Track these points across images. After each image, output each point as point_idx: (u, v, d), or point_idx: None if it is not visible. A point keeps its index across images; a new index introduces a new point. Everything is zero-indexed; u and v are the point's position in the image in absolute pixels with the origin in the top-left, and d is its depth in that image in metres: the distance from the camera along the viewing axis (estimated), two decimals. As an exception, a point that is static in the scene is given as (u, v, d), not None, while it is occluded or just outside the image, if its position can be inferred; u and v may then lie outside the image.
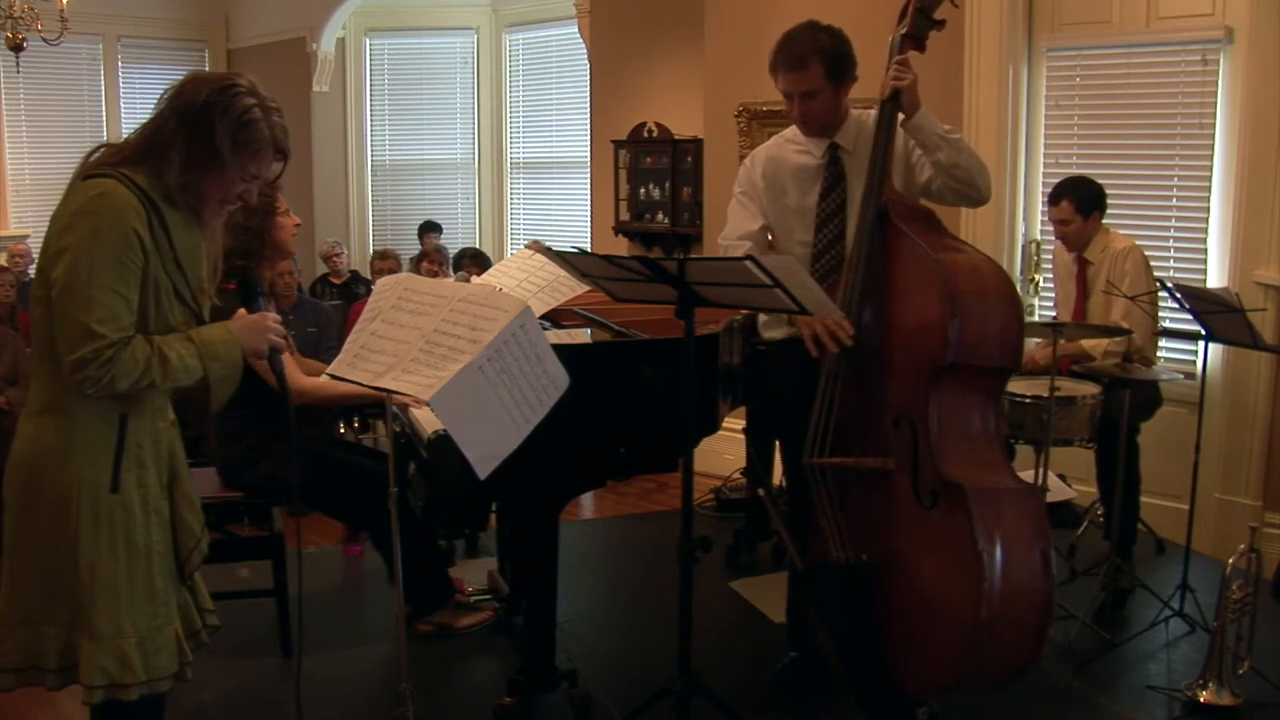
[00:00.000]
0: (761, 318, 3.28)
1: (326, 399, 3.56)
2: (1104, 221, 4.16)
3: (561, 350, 2.41)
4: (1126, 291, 3.86)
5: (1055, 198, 4.12)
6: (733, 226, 3.18)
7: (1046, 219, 4.91)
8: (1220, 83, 4.43)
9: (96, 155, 2.09)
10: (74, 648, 2.06)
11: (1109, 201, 4.18)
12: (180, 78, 2.14)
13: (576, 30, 7.31)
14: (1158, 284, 3.86)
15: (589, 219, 7.19)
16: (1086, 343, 4.03)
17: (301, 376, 3.45)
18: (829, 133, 3.06)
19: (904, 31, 2.93)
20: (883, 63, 2.94)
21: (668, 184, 6.34)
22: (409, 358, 2.33)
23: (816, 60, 2.94)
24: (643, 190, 6.52)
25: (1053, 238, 4.44)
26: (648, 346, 3.14)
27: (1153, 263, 4.17)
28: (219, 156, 2.05)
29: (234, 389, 2.16)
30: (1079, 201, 4.07)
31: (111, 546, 2.05)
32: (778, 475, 3.91)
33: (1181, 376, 3.83)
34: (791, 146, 3.13)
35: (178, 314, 2.10)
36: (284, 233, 3.48)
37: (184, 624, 2.20)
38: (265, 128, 2.09)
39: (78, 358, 1.95)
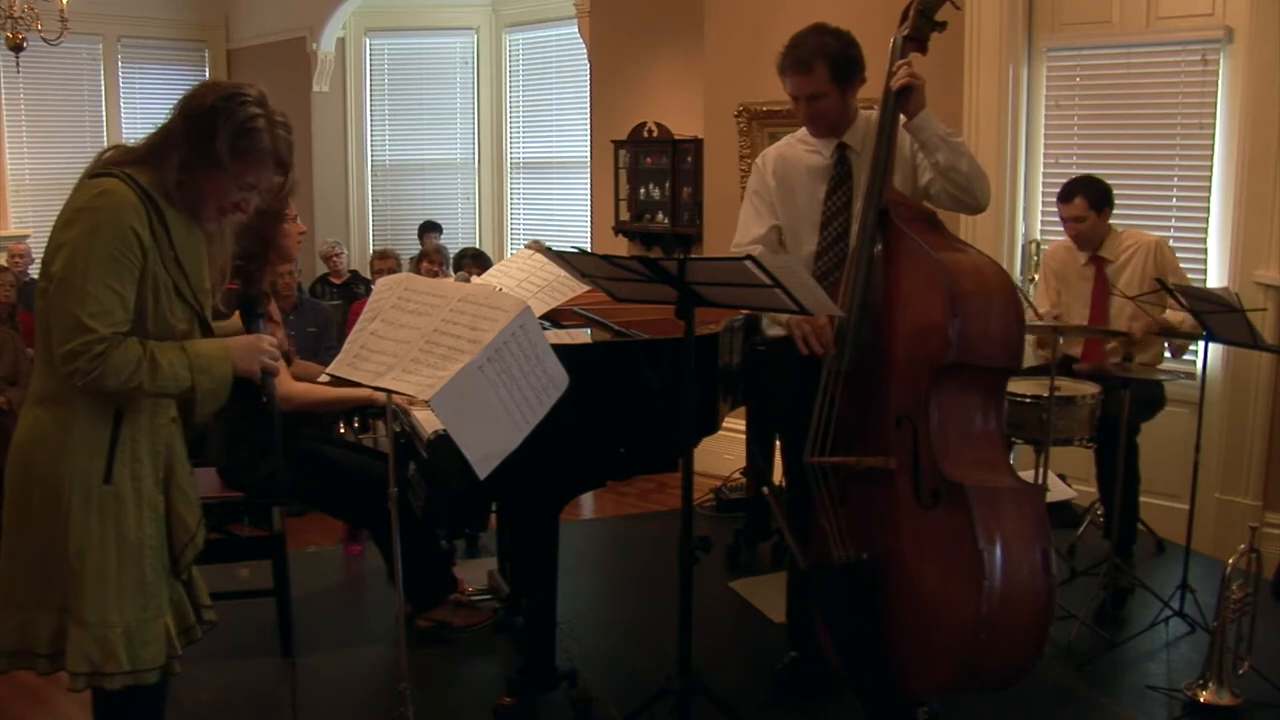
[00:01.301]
0: (764, 316, 3.29)
1: (314, 404, 3.56)
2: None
3: (561, 350, 2.41)
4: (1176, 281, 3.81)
5: (1068, 195, 4.09)
6: (743, 231, 3.19)
7: (1046, 219, 4.94)
8: (1220, 83, 4.43)
9: (108, 155, 2.13)
10: (65, 634, 2.09)
11: (1110, 201, 4.18)
12: (185, 80, 2.17)
13: (576, 30, 7.31)
14: (1157, 283, 3.85)
15: (589, 219, 7.19)
16: (1170, 315, 3.96)
17: (290, 383, 3.46)
18: (837, 133, 3.07)
19: (906, 33, 2.94)
20: (882, 62, 2.94)
21: (668, 184, 6.34)
22: (409, 358, 2.34)
23: (822, 64, 2.96)
24: (643, 190, 6.52)
25: (1054, 238, 4.45)
26: (648, 346, 3.14)
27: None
28: (218, 161, 2.08)
29: (220, 404, 2.17)
30: (1092, 198, 4.06)
31: (101, 536, 2.08)
32: (777, 475, 3.91)
33: (1182, 376, 3.83)
34: (802, 146, 3.15)
35: (179, 312, 2.13)
36: (288, 239, 3.52)
37: (176, 619, 2.22)
38: (267, 139, 2.11)
39: (69, 350, 1.98)
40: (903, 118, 2.90)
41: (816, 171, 3.10)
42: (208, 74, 9.13)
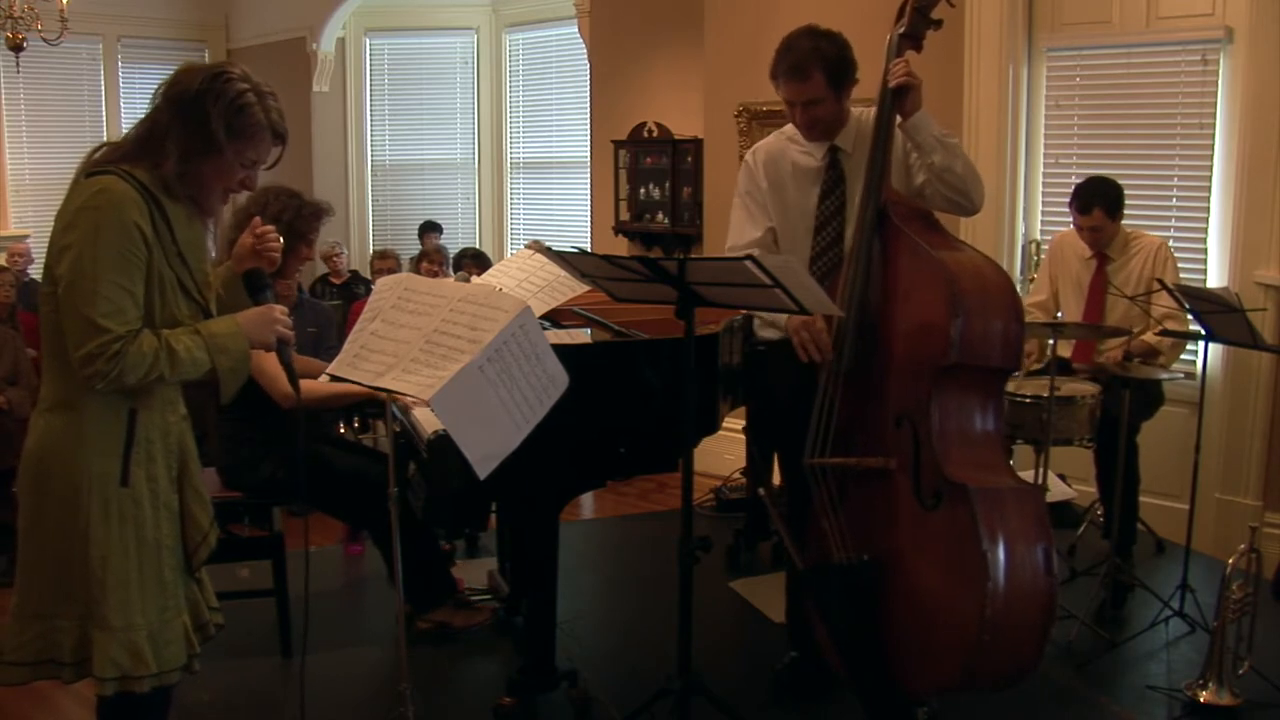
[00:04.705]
0: (757, 319, 3.28)
1: (319, 400, 3.57)
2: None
3: (561, 350, 2.40)
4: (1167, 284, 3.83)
5: (1086, 206, 4.07)
6: (737, 233, 3.16)
7: (1046, 219, 4.95)
8: (1220, 83, 4.43)
9: (99, 154, 2.11)
10: (88, 641, 2.07)
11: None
12: (174, 70, 2.15)
13: (576, 30, 7.31)
14: (1157, 283, 3.86)
15: (589, 219, 7.19)
16: (1149, 338, 3.99)
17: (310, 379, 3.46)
18: (830, 136, 3.05)
19: (902, 31, 2.92)
20: (881, 62, 2.93)
21: (668, 184, 6.34)
22: (409, 358, 2.33)
23: (818, 70, 2.92)
24: (643, 190, 6.52)
25: (1057, 230, 4.45)
26: (648, 346, 3.14)
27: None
28: (216, 144, 2.06)
29: (243, 381, 2.17)
30: (1109, 207, 4.06)
31: (122, 540, 2.07)
32: (776, 475, 3.91)
33: (1182, 376, 3.83)
34: (794, 146, 3.13)
35: (183, 308, 2.12)
36: (297, 260, 3.57)
37: (192, 616, 2.22)
38: (260, 112, 2.10)
39: (85, 353, 1.97)
40: (899, 118, 2.89)
41: (808, 174, 3.08)
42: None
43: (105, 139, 2.44)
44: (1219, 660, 3.13)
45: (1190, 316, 3.73)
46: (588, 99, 7.02)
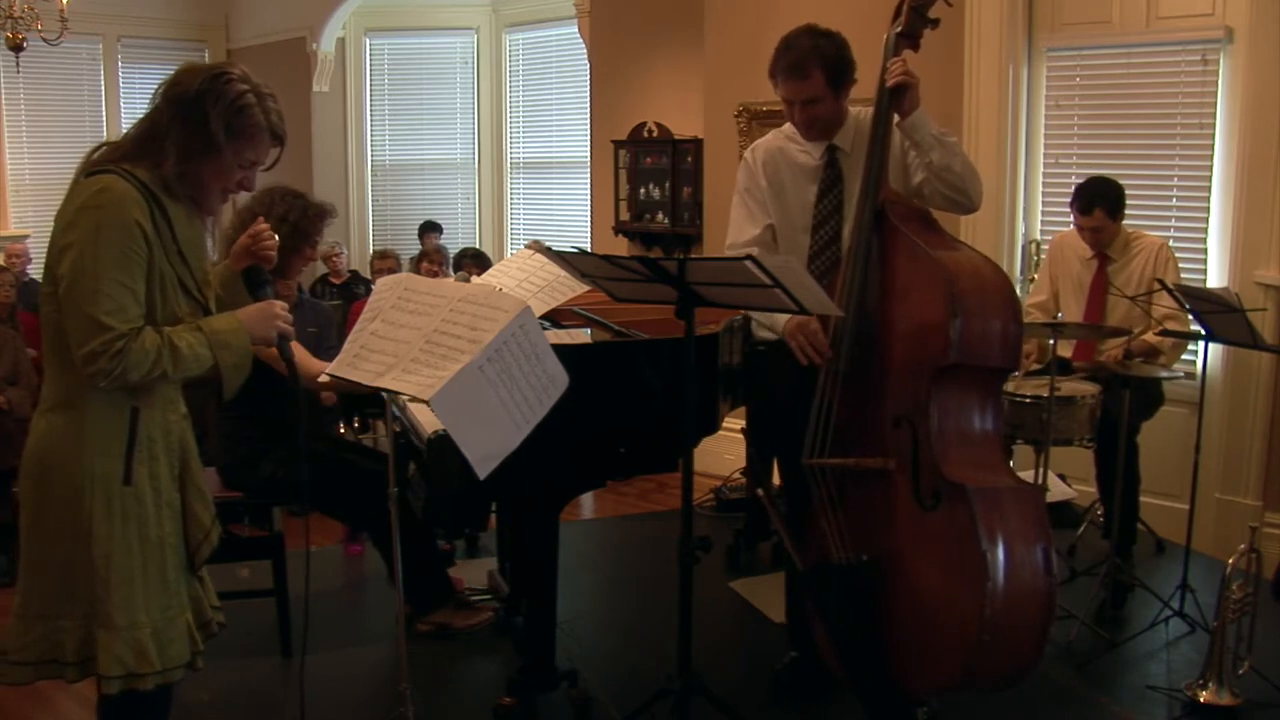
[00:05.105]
0: (754, 321, 3.28)
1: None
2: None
3: (561, 350, 2.40)
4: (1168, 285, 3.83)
5: (1088, 207, 4.06)
6: (737, 231, 3.17)
7: (1046, 219, 4.95)
8: (1220, 83, 4.43)
9: (99, 153, 2.11)
10: (91, 640, 2.07)
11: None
12: (174, 70, 2.16)
13: (576, 30, 7.31)
14: (1157, 283, 3.86)
15: (589, 219, 7.19)
16: (1150, 338, 4.00)
17: (313, 361, 3.45)
18: (828, 135, 3.06)
19: (899, 30, 2.93)
20: (879, 62, 2.93)
21: (668, 184, 6.34)
22: (409, 358, 2.34)
23: (818, 68, 2.93)
24: (643, 190, 6.52)
25: (1057, 230, 4.45)
26: (648, 346, 3.14)
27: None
28: (215, 144, 2.07)
29: (246, 377, 2.18)
30: (1110, 207, 4.05)
31: (125, 538, 2.07)
32: (776, 476, 3.90)
33: (1182, 376, 3.83)
34: (792, 145, 3.13)
35: (183, 306, 2.13)
36: (301, 261, 3.56)
37: (194, 614, 2.23)
38: (259, 113, 2.11)
39: (88, 351, 1.97)
40: (896, 117, 2.89)
41: (806, 172, 3.09)
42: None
43: (105, 139, 2.44)
44: (1219, 660, 3.13)
45: (1190, 316, 3.73)
46: (588, 99, 7.02)
